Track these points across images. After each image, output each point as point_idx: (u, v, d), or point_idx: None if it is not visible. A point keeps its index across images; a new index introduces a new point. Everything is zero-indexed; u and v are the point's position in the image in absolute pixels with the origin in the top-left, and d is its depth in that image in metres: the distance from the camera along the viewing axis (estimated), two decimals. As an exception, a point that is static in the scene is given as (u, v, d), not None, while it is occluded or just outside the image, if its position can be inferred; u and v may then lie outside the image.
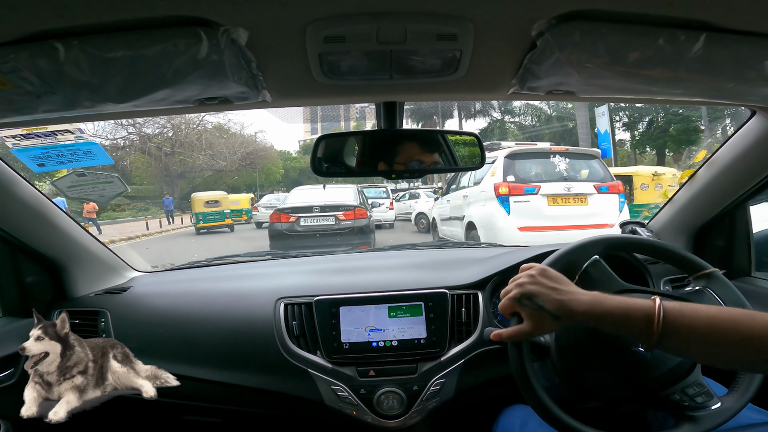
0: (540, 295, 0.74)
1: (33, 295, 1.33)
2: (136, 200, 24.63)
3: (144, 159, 26.61)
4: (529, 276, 0.78)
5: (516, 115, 25.65)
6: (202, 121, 27.75)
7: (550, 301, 0.74)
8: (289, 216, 6.66)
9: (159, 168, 26.81)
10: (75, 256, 1.37)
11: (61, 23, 0.60)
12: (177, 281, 1.55)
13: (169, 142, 26.48)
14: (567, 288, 0.75)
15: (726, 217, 1.35)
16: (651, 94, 0.89)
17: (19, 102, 0.74)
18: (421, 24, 0.67)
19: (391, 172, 1.09)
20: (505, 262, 1.33)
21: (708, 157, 1.27)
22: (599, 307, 0.71)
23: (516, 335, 0.78)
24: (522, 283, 0.77)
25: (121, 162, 26.74)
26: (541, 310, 0.74)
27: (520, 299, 0.76)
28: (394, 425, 1.22)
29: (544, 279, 0.76)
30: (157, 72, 0.70)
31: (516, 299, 0.77)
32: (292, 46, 0.71)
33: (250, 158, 30.40)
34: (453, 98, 1.03)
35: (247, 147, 30.08)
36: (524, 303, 0.76)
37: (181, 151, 26.87)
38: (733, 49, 0.70)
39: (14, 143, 1.06)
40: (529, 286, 0.76)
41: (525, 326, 0.76)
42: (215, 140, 28.16)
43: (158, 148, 26.05)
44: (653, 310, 0.67)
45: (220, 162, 28.00)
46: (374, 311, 1.25)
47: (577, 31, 0.66)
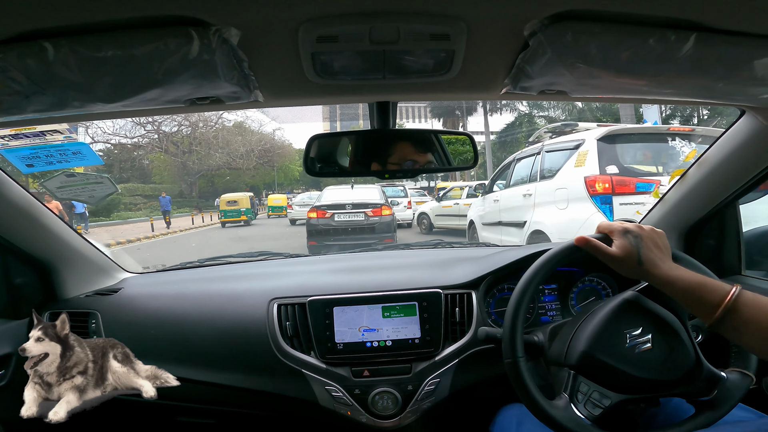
0: (643, 241, 0.84)
1: (22, 296, 1.32)
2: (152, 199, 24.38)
3: (164, 158, 26.59)
4: (649, 228, 0.88)
5: (545, 109, 25.08)
6: (221, 119, 27.62)
7: (647, 249, 0.83)
8: (325, 212, 7.57)
9: (177, 166, 26.82)
10: (65, 257, 1.36)
11: (50, 23, 0.59)
12: (169, 282, 1.54)
13: (187, 140, 26.40)
14: (665, 254, 0.85)
15: (716, 216, 1.37)
16: (642, 93, 0.90)
17: (8, 102, 0.73)
18: (414, 24, 0.67)
19: (384, 172, 1.09)
20: (498, 261, 1.33)
21: (698, 157, 1.28)
22: (679, 277, 0.81)
23: (600, 249, 0.87)
24: (638, 226, 0.87)
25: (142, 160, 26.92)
26: (635, 249, 0.83)
27: (627, 232, 0.86)
28: (389, 425, 1.22)
29: (654, 235, 0.86)
30: (148, 72, 0.69)
31: (623, 230, 0.86)
32: (284, 46, 0.71)
33: (268, 156, 30.36)
34: (446, 98, 1.03)
35: (264, 144, 30.01)
36: (627, 236, 0.85)
37: (198, 149, 26.74)
38: (722, 49, 0.71)
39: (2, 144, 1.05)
40: (641, 231, 0.86)
41: (611, 249, 0.86)
42: (232, 138, 27.97)
43: (176, 145, 26.03)
44: (727, 295, 0.75)
45: (237, 160, 27.89)
46: (368, 311, 1.25)
47: (569, 31, 0.67)
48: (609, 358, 0.86)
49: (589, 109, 20.94)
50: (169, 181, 27.13)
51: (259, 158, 29.23)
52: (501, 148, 25.26)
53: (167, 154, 26.37)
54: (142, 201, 24.32)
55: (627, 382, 0.86)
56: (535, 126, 23.64)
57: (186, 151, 26.61)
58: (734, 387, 0.86)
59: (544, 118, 24.61)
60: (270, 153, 30.29)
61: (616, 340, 0.88)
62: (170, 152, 26.10)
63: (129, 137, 25.78)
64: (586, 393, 0.87)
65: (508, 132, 24.95)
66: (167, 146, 25.85)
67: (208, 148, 26.83)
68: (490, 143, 24.08)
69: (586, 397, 0.87)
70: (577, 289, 1.38)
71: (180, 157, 26.38)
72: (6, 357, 1.21)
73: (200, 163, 27.30)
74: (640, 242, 0.84)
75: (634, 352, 0.86)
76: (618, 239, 0.86)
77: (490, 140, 23.57)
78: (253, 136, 29.21)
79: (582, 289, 1.37)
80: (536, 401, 0.85)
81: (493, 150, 25.37)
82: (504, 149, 24.96)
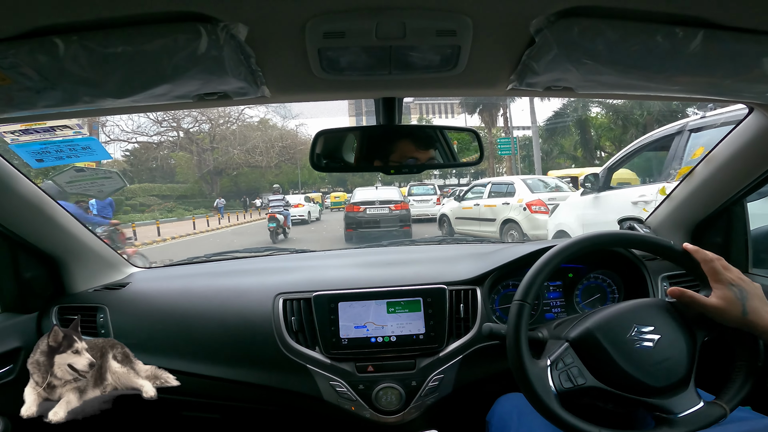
0: (749, 294, 0.83)
1: (32, 290, 1.33)
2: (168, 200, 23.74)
3: (183, 155, 25.43)
4: (750, 281, 0.86)
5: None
6: (242, 114, 26.42)
7: (752, 301, 0.82)
8: (359, 207, 9.59)
9: (197, 165, 25.58)
10: (74, 251, 1.37)
11: (60, 19, 0.60)
12: (176, 277, 1.56)
13: (208, 136, 25.04)
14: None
15: (724, 213, 1.36)
16: (649, 90, 0.89)
17: (19, 97, 0.74)
18: (420, 20, 0.67)
19: (389, 167, 1.09)
20: (504, 257, 1.33)
21: (706, 154, 1.27)
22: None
23: (698, 301, 0.85)
24: (742, 278, 0.85)
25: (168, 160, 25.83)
26: (740, 301, 0.82)
27: (732, 284, 0.84)
28: (393, 420, 1.22)
29: (758, 290, 0.85)
30: (157, 67, 0.70)
31: (729, 281, 0.84)
32: (291, 42, 0.71)
33: (289, 153, 28.38)
34: (452, 94, 1.03)
35: (285, 140, 28.16)
36: (732, 287, 0.83)
37: (218, 146, 25.39)
38: (731, 45, 0.71)
39: (13, 138, 1.06)
40: (746, 285, 0.84)
41: (713, 300, 0.84)
42: (250, 133, 26.46)
43: (195, 143, 24.77)
44: None
45: (257, 157, 26.37)
46: (373, 307, 1.26)
47: (575, 27, 0.67)
48: (606, 342, 0.86)
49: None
50: (192, 181, 26.06)
51: (280, 155, 27.70)
52: (550, 137, 23.62)
53: (186, 152, 25.36)
54: (157, 202, 23.52)
55: (610, 371, 0.85)
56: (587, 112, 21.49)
57: (207, 148, 25.34)
58: (704, 415, 0.83)
59: (599, 104, 21.39)
60: (292, 149, 28.22)
61: (622, 328, 0.87)
62: (189, 150, 25.06)
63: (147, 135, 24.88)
64: (567, 365, 0.87)
65: (557, 120, 22.69)
66: (186, 143, 24.81)
67: (227, 145, 25.52)
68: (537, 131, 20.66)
69: (565, 368, 0.86)
70: (582, 286, 1.37)
71: (200, 155, 25.17)
72: (15, 351, 1.22)
73: (219, 162, 25.96)
74: (745, 294, 0.83)
75: (633, 345, 0.86)
76: (720, 289, 0.84)
77: (537, 128, 19.95)
78: (273, 131, 27.98)
79: (587, 286, 1.37)
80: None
81: (541, 139, 22.90)
82: (552, 139, 23.64)
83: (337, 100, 1.15)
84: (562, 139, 23.50)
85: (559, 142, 23.80)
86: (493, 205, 7.92)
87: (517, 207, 7.30)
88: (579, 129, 22.34)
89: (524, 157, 25.78)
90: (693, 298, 0.86)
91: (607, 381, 0.85)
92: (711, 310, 0.84)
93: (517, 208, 7.30)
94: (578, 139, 22.82)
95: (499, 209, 7.74)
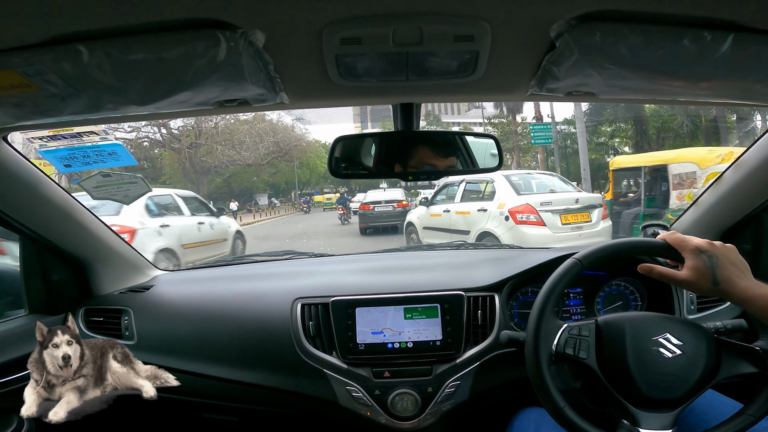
0: (719, 259, 0.80)
1: (59, 293, 1.36)
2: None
3: (170, 155, 23.03)
4: (721, 245, 0.83)
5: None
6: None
7: (723, 267, 0.79)
8: (369, 206, 11.82)
9: (182, 163, 22.82)
10: (100, 254, 1.40)
11: (82, 26, 0.62)
12: (197, 280, 1.58)
13: (193, 132, 22.08)
14: (742, 270, 0.81)
15: (753, 220, 1.31)
16: (675, 95, 0.87)
17: (45, 104, 0.77)
18: (438, 25, 0.67)
19: (407, 173, 1.09)
20: (523, 264, 1.31)
21: (735, 159, 1.23)
22: (761, 295, 0.77)
23: (669, 276, 0.84)
24: (709, 243, 0.82)
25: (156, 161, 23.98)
26: (710, 269, 0.79)
27: (701, 251, 0.81)
28: (408, 427, 1.21)
29: (727, 251, 0.82)
30: (177, 74, 0.71)
31: (697, 249, 0.81)
32: (308, 48, 0.72)
33: (283, 149, 24.92)
34: (471, 99, 1.02)
35: (276, 134, 24.26)
36: (700, 255, 0.81)
37: (203, 143, 22.43)
38: (762, 49, 0.68)
39: (41, 144, 1.09)
40: (713, 249, 0.81)
41: (682, 273, 0.82)
42: (236, 126, 22.87)
43: (178, 140, 22.04)
44: None
45: (244, 153, 23.00)
46: (390, 312, 1.25)
47: (597, 31, 0.65)
48: (629, 334, 0.85)
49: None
50: (178, 181, 22.64)
51: (274, 152, 24.24)
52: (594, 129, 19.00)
53: (171, 150, 22.41)
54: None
55: (614, 362, 0.84)
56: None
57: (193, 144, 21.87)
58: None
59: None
60: (285, 144, 24.69)
61: (652, 330, 0.85)
62: (174, 148, 21.99)
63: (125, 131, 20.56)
64: (581, 335, 0.88)
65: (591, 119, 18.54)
66: (168, 140, 21.69)
67: (212, 141, 22.33)
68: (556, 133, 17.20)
69: (577, 337, 0.87)
70: (604, 293, 1.34)
71: (184, 152, 21.92)
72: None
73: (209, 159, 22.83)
74: (714, 261, 0.80)
75: (651, 347, 0.84)
76: (690, 260, 0.82)
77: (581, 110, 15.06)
78: (261, 125, 23.34)
79: (609, 294, 1.34)
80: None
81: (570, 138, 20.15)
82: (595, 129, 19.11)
83: (354, 105, 1.16)
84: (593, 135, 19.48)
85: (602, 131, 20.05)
86: (467, 212, 6.20)
87: (497, 215, 5.60)
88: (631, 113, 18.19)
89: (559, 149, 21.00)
90: (663, 273, 0.84)
91: (605, 369, 0.85)
92: (682, 282, 0.82)
93: (496, 217, 5.62)
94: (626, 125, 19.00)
95: (474, 218, 5.99)
